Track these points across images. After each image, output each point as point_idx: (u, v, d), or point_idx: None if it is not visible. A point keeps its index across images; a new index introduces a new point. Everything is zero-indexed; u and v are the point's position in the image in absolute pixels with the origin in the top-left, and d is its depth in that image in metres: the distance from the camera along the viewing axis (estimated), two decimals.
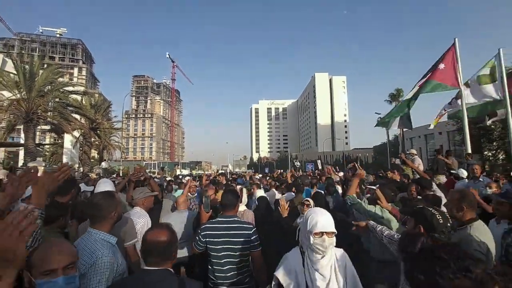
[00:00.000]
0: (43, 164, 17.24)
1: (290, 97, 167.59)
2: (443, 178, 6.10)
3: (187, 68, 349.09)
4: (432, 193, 3.55)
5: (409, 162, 6.08)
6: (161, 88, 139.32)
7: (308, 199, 3.84)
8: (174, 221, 2.93)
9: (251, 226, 2.39)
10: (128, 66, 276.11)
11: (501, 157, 22.27)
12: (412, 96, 8.24)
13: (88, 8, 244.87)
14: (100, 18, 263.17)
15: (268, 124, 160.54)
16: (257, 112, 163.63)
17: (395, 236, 2.10)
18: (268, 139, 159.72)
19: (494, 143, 22.36)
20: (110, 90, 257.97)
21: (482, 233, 2.02)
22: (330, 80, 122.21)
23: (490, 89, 7.62)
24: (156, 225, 1.65)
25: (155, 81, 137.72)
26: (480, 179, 4.89)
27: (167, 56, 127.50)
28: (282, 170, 19.30)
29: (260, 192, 4.84)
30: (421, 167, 7.54)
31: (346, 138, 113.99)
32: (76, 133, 23.89)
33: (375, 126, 9.09)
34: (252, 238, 2.31)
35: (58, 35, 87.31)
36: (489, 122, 9.96)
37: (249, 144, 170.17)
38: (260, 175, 14.22)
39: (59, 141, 28.31)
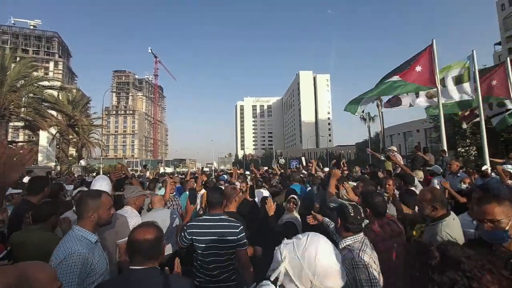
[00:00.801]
0: None
1: (275, 94, 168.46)
2: (421, 174, 6.35)
3: (170, 64, 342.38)
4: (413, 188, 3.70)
5: (394, 158, 6.28)
6: (143, 84, 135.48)
7: (295, 196, 3.84)
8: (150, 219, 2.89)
9: (238, 224, 2.38)
10: (108, 61, 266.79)
11: (473, 153, 23.51)
12: (379, 90, 8.24)
13: (64, 1, 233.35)
14: (78, 10, 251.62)
15: (253, 121, 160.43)
16: (242, 109, 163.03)
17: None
18: (253, 136, 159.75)
19: (467, 140, 23.55)
20: (90, 85, 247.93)
21: (453, 229, 2.12)
22: (314, 78, 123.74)
23: (463, 89, 8.01)
24: (143, 223, 1.61)
25: (137, 76, 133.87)
26: (458, 175, 5.15)
27: (150, 51, 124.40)
28: (267, 167, 19.35)
29: (265, 193, 4.79)
30: (401, 162, 7.85)
31: (330, 135, 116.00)
32: (53, 130, 22.77)
33: (344, 110, 8.89)
34: (239, 236, 2.31)
35: (31, 27, 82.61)
36: (464, 126, 10.47)
37: (234, 141, 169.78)
38: (247, 172, 14.20)
39: (34, 139, 26.93)
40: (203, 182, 5.70)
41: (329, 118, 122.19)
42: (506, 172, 4.35)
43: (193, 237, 2.34)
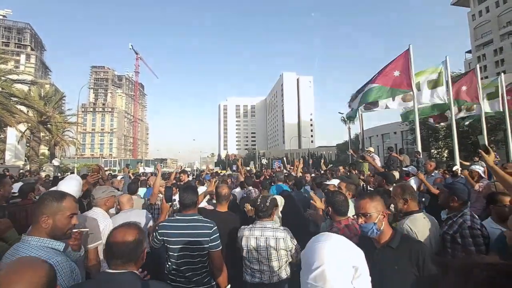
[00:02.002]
0: None
1: (259, 95, 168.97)
2: (397, 174, 6.54)
3: (152, 62, 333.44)
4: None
5: (369, 158, 6.44)
6: (123, 81, 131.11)
7: (276, 196, 3.78)
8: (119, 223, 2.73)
9: (212, 225, 2.30)
10: (87, 56, 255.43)
11: (445, 155, 24.76)
12: (365, 98, 8.58)
13: None
14: (53, 2, 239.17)
15: (236, 121, 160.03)
16: (225, 109, 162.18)
17: None
18: (236, 137, 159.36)
19: (440, 142, 24.78)
20: (66, 81, 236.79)
21: (417, 224, 2.17)
22: (298, 80, 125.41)
23: (437, 92, 8.36)
24: (123, 224, 1.46)
25: (116, 73, 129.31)
26: (433, 174, 5.38)
27: (130, 47, 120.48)
28: (249, 168, 19.29)
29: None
30: (379, 163, 8.04)
31: (312, 136, 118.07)
32: (22, 127, 21.42)
33: (347, 119, 9.79)
34: (211, 237, 2.24)
35: (0, 17, 77.61)
36: (436, 125, 10.99)
37: (217, 141, 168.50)
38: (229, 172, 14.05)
39: (1, 136, 25.24)
40: (183, 182, 5.58)
41: (311, 120, 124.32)
42: (475, 172, 4.55)
43: (164, 238, 2.27)
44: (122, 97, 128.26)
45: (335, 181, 3.81)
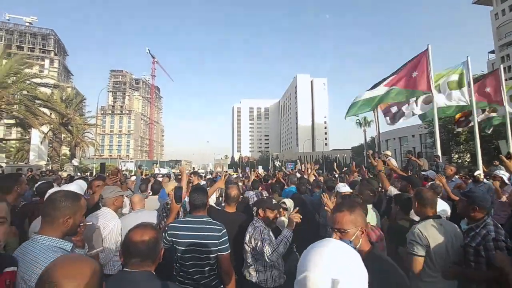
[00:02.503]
0: (5, 161, 16.02)
1: (272, 97, 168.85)
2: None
3: (168, 65, 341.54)
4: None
5: (391, 163, 6.20)
6: (140, 84, 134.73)
7: (285, 200, 3.73)
8: (131, 223, 2.74)
9: (221, 228, 2.28)
10: (106, 60, 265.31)
11: (467, 159, 23.70)
12: (377, 101, 8.26)
13: None
14: (76, 8, 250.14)
15: (250, 123, 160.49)
16: (239, 111, 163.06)
17: None
18: (250, 139, 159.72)
19: (461, 146, 23.77)
20: (86, 84, 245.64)
21: (429, 229, 2.09)
22: (311, 82, 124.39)
23: (458, 94, 8.01)
24: (139, 224, 1.48)
25: (134, 76, 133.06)
26: (453, 179, 5.12)
27: (147, 51, 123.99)
28: (256, 169, 19.17)
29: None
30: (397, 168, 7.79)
31: (326, 139, 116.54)
32: (45, 129, 22.41)
33: (346, 116, 9.00)
34: (221, 240, 2.22)
35: (27, 24, 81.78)
36: (458, 130, 10.48)
37: (231, 143, 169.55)
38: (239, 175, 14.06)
39: (26, 137, 26.50)
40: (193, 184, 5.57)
41: (325, 122, 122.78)
42: (498, 177, 4.31)
43: (173, 239, 2.26)
44: (139, 99, 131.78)
45: (341, 186, 3.62)
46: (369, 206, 2.89)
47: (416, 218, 2.43)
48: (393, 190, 3.49)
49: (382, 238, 2.34)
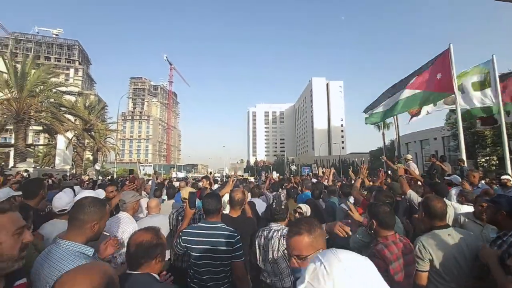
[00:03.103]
0: (33, 166, 16.90)
1: (288, 101, 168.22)
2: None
3: (184, 70, 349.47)
4: None
5: (411, 170, 5.91)
6: (158, 90, 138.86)
7: (301, 205, 3.66)
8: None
9: (235, 234, 2.26)
10: (126, 68, 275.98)
11: (494, 163, 22.40)
12: (401, 105, 8.08)
13: (86, 9, 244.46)
14: (99, 20, 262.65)
15: (265, 127, 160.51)
16: (254, 115, 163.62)
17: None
18: (265, 143, 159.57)
19: (487, 149, 22.52)
20: (108, 91, 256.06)
21: (431, 241, 2.01)
22: (327, 85, 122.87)
23: (483, 95, 7.61)
24: (143, 228, 1.54)
25: (152, 83, 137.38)
26: (479, 186, 4.80)
27: (165, 58, 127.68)
28: (270, 174, 19.06)
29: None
30: (417, 172, 7.47)
31: (343, 142, 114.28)
32: (70, 134, 23.53)
33: (366, 123, 9.11)
34: (235, 246, 2.19)
35: (54, 35, 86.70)
36: (479, 126, 9.95)
37: (246, 147, 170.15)
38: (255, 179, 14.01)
39: (53, 142, 27.91)
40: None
41: (342, 125, 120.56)
42: None
43: (187, 245, 2.25)
44: (157, 105, 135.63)
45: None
46: None
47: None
48: (413, 195, 3.33)
49: (411, 250, 2.02)
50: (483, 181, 5.47)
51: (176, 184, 7.71)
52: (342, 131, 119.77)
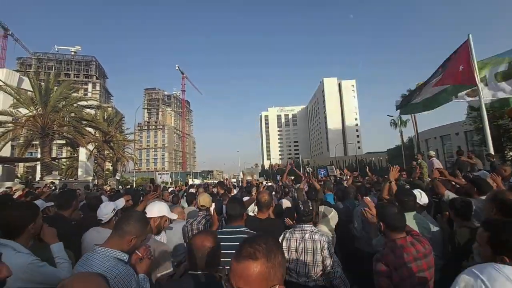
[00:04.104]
0: (58, 178, 17.62)
1: (300, 103, 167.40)
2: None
3: (196, 78, 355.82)
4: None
5: (447, 174, 5.63)
6: (171, 99, 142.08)
7: (325, 208, 3.59)
8: (170, 234, 2.80)
9: None
10: (140, 79, 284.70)
11: None
12: (433, 102, 7.93)
13: (100, 25, 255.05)
14: (113, 36, 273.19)
15: (278, 131, 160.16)
16: (266, 119, 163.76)
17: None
18: (279, 146, 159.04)
19: None
20: (124, 103, 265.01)
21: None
22: (339, 85, 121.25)
23: (509, 86, 7.25)
24: (202, 231, 1.70)
25: (165, 93, 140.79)
26: (510, 181, 4.54)
27: (177, 68, 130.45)
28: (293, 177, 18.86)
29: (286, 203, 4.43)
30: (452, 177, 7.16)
31: (358, 142, 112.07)
32: (90, 146, 24.43)
33: (397, 110, 9.06)
34: None
35: (72, 53, 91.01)
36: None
37: (260, 151, 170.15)
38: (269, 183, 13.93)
39: (75, 155, 29.06)
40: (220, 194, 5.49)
41: (356, 125, 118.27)
42: None
43: None
44: (171, 114, 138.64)
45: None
46: (411, 214, 2.58)
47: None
48: (450, 195, 3.16)
49: (425, 255, 1.87)
50: None
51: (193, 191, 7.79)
52: (357, 130, 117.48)
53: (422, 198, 3.05)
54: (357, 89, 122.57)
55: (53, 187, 11.89)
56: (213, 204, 3.52)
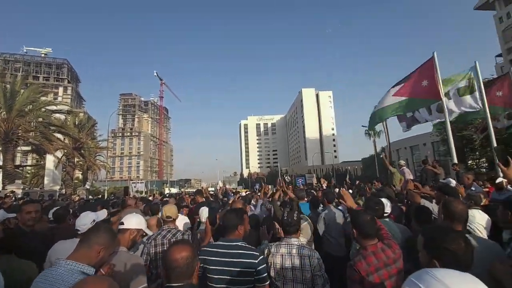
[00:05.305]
0: (22, 187, 16.37)
1: (279, 112, 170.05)
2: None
3: (174, 85, 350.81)
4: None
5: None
6: (148, 106, 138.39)
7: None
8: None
9: (257, 254, 2.04)
10: (116, 85, 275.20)
11: (484, 165, 22.93)
12: (391, 110, 8.39)
13: (74, 28, 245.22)
14: (87, 37, 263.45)
15: (257, 139, 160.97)
16: (246, 128, 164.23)
17: None
18: (258, 155, 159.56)
19: (477, 153, 23.07)
20: (99, 109, 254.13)
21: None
22: (317, 95, 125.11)
23: (469, 100, 7.88)
24: (177, 241, 1.59)
25: (142, 99, 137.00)
26: (472, 188, 4.91)
27: (155, 74, 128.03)
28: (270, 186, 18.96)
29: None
30: (411, 177, 7.58)
31: (335, 151, 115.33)
32: (59, 153, 23.01)
33: (368, 129, 9.63)
34: (258, 268, 1.96)
35: (43, 55, 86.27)
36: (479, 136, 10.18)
37: (239, 160, 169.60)
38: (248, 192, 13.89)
39: (41, 162, 27.22)
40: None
41: (333, 134, 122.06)
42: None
43: (205, 265, 2.02)
44: (148, 121, 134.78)
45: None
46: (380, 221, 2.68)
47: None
48: (427, 203, 3.34)
49: (395, 260, 1.93)
50: (475, 183, 5.57)
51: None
52: (333, 140, 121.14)
53: (387, 207, 3.16)
54: (334, 100, 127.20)
55: (13, 197, 11.01)
56: (203, 211, 3.45)
